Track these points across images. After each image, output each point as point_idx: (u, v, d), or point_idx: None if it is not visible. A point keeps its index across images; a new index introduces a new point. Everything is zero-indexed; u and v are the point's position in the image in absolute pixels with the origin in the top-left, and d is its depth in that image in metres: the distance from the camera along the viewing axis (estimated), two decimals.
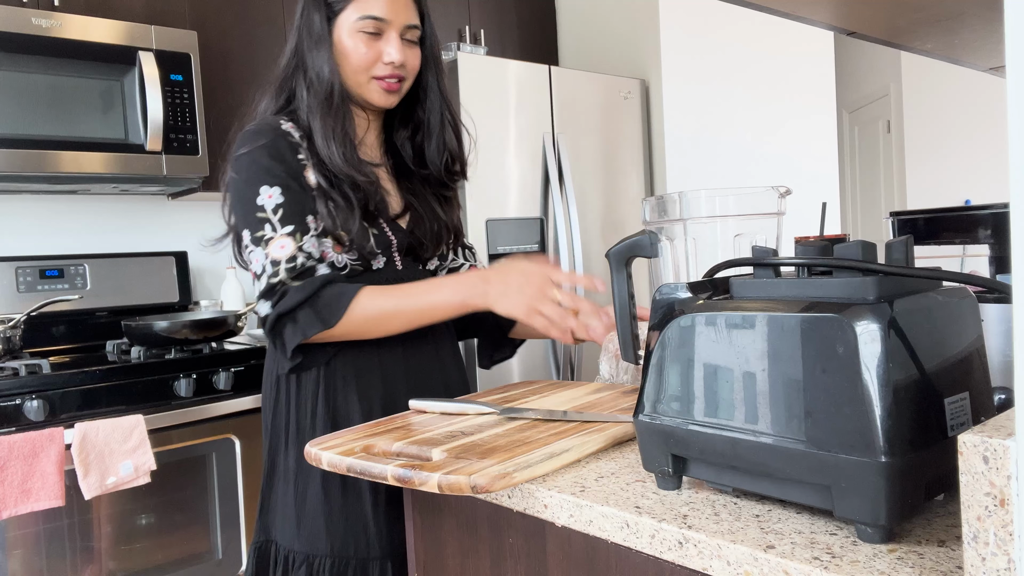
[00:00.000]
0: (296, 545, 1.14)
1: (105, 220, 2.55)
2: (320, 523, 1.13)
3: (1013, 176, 0.43)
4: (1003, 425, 0.48)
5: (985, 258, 1.05)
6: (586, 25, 3.29)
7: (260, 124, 1.18)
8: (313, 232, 1.13)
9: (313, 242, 1.13)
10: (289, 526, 1.15)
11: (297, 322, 1.09)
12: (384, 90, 1.21)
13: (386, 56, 1.19)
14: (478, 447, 0.88)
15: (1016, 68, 0.43)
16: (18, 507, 1.71)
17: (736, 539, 0.61)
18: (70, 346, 2.37)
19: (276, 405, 1.20)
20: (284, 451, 1.18)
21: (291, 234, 1.11)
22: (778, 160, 3.40)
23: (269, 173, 1.13)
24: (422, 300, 1.11)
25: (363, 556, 1.13)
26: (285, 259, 1.10)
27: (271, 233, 1.11)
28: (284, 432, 1.19)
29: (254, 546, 1.20)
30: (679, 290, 0.72)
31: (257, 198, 1.12)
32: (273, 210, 1.12)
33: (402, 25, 1.20)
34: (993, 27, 1.03)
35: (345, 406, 1.17)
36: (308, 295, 1.08)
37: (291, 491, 1.16)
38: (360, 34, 1.18)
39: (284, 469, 1.18)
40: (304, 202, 1.14)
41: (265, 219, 1.12)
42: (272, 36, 2.57)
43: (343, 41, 1.19)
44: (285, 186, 1.13)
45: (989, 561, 0.46)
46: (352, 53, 1.19)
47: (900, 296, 0.60)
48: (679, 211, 0.92)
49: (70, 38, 2.08)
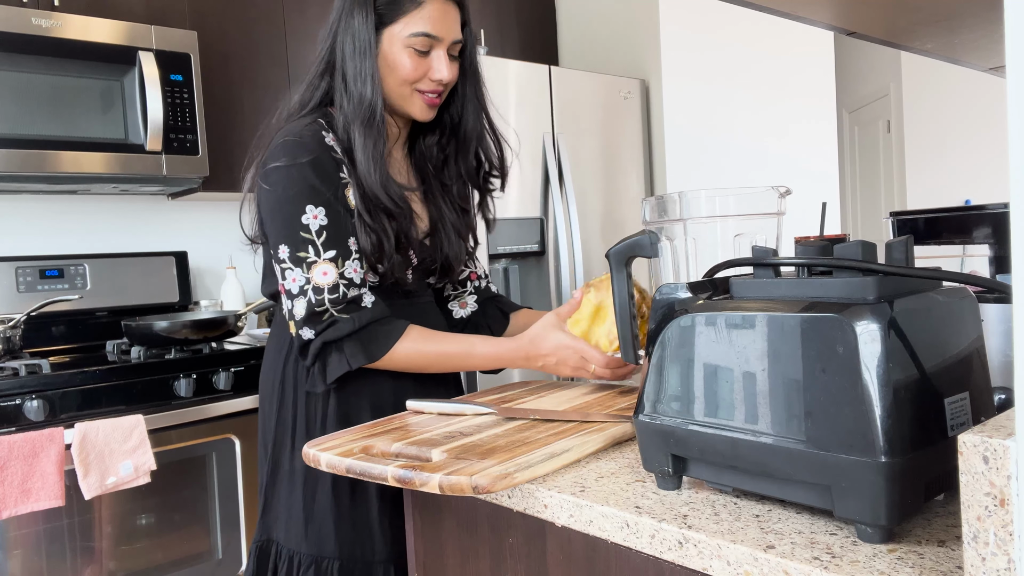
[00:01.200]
0: (304, 547, 1.14)
1: (105, 220, 2.55)
2: (330, 525, 1.13)
3: (1013, 176, 0.43)
4: (1003, 425, 0.48)
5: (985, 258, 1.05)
6: (586, 25, 3.29)
7: (302, 135, 1.13)
8: (355, 255, 1.13)
9: (354, 266, 1.12)
10: (295, 527, 1.15)
11: (343, 352, 1.10)
12: (427, 104, 1.20)
13: (435, 73, 1.18)
14: (478, 447, 0.88)
15: (1016, 68, 0.43)
16: (18, 507, 1.70)
17: (736, 539, 0.61)
18: (70, 346, 2.37)
19: (282, 406, 1.20)
20: (291, 451, 1.18)
21: (333, 259, 1.11)
22: (778, 160, 3.40)
23: (315, 192, 1.11)
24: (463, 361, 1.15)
25: (369, 559, 1.13)
26: (328, 287, 1.10)
27: (314, 256, 1.10)
28: (291, 432, 1.18)
29: (255, 545, 1.20)
30: (679, 290, 0.72)
31: (302, 216, 1.10)
32: (317, 232, 1.10)
33: (451, 42, 1.19)
34: (993, 27, 1.03)
35: (357, 406, 1.17)
36: (357, 328, 1.10)
37: (298, 492, 1.16)
38: (410, 49, 1.16)
39: (290, 470, 1.18)
40: (346, 224, 1.13)
41: (309, 240, 1.10)
42: (272, 36, 2.57)
43: (391, 54, 1.17)
44: (329, 207, 1.11)
45: (989, 561, 0.46)
46: (400, 68, 1.17)
47: (900, 296, 0.60)
48: (679, 211, 0.92)
49: (70, 38, 2.08)
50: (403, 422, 1.03)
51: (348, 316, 1.10)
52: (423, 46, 1.16)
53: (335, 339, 1.10)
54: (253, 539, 1.21)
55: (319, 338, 1.10)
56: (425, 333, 1.14)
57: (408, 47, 1.16)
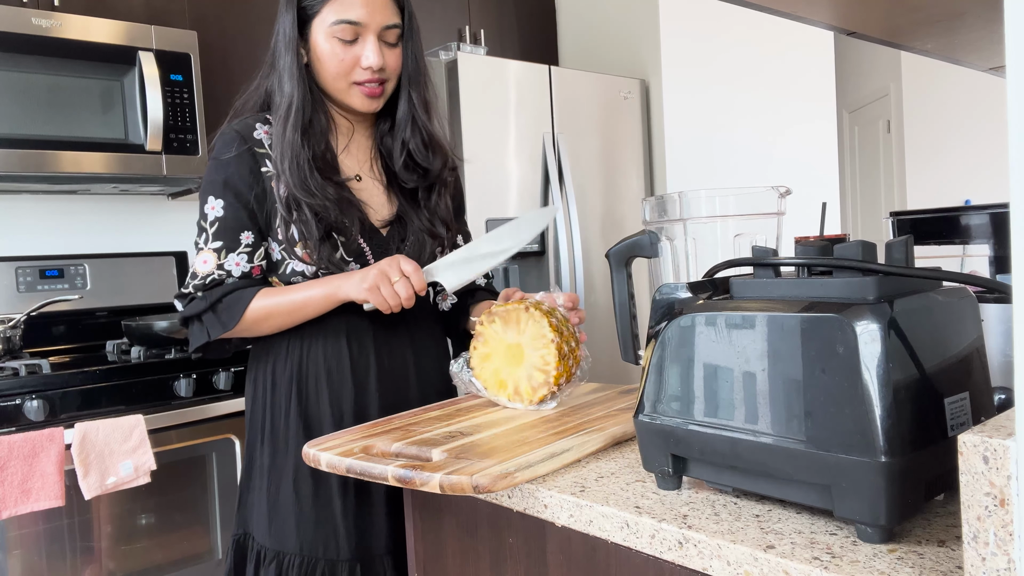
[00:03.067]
0: (268, 542, 1.16)
1: (105, 220, 2.55)
2: (291, 522, 1.15)
3: (1013, 176, 0.43)
4: (1003, 425, 0.48)
5: (985, 258, 1.05)
6: (586, 25, 3.29)
7: (235, 130, 1.20)
8: (243, 249, 1.18)
9: (237, 260, 1.18)
10: (262, 522, 1.17)
11: (203, 324, 1.18)
12: (366, 95, 1.19)
13: (364, 60, 1.16)
14: (478, 447, 0.88)
15: (1016, 68, 0.43)
16: (18, 507, 1.70)
17: (736, 539, 0.61)
18: (70, 346, 2.37)
19: (254, 403, 1.23)
20: (260, 447, 1.20)
21: (217, 250, 1.17)
22: (778, 160, 3.40)
23: (218, 186, 1.18)
24: (296, 296, 1.16)
25: (332, 557, 1.14)
26: (203, 274, 1.17)
27: (202, 244, 1.18)
28: (260, 429, 1.21)
29: (234, 539, 1.22)
30: (679, 290, 0.72)
31: (205, 206, 1.18)
32: (211, 223, 1.18)
33: (380, 26, 1.17)
34: (993, 27, 1.03)
35: (317, 408, 1.18)
36: (209, 304, 1.17)
37: (265, 487, 1.18)
38: (335, 40, 1.16)
39: (260, 465, 1.20)
40: (241, 219, 1.17)
41: (204, 228, 1.19)
42: (272, 36, 2.57)
43: (319, 46, 1.17)
44: (228, 202, 1.17)
45: (989, 561, 0.46)
46: (329, 59, 1.17)
47: (900, 296, 0.60)
48: (679, 211, 0.92)
49: (70, 38, 2.08)
50: (403, 422, 1.03)
51: (203, 294, 1.17)
52: (346, 34, 1.16)
53: (193, 315, 1.18)
54: (232, 531, 1.23)
55: (181, 313, 1.20)
56: (270, 290, 1.18)
57: (332, 36, 1.16)
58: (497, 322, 1.09)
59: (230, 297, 1.17)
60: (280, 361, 1.20)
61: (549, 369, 1.04)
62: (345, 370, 1.19)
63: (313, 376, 1.19)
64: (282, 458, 1.17)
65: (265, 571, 1.15)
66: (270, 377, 1.21)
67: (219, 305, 1.17)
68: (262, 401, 1.22)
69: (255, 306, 1.16)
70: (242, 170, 1.18)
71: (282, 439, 1.18)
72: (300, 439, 1.16)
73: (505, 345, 1.08)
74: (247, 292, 1.17)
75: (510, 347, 1.07)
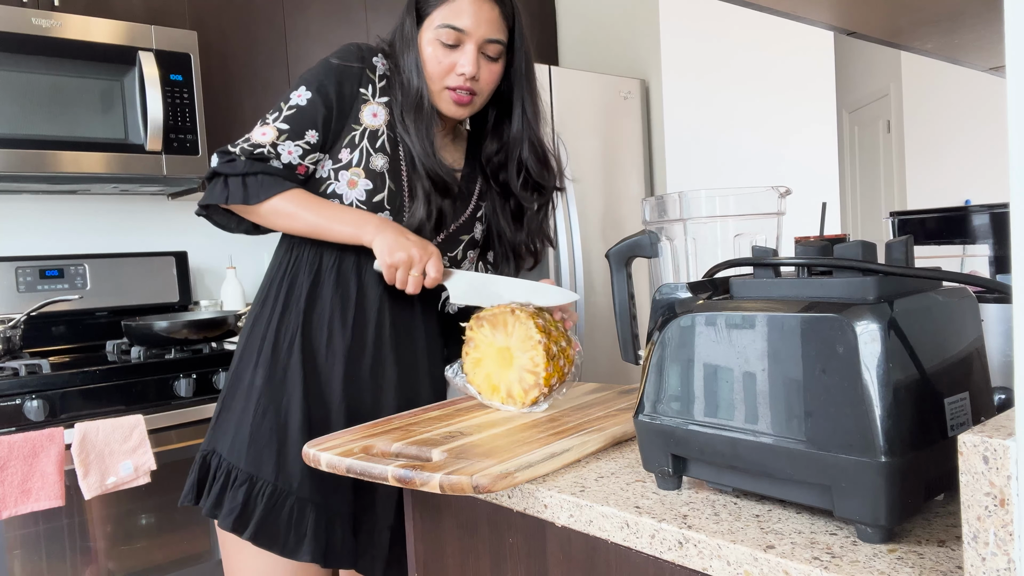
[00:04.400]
0: (242, 463, 1.14)
1: (105, 220, 2.55)
2: (272, 449, 1.14)
3: (1013, 176, 0.43)
4: (1003, 425, 0.48)
5: (985, 258, 1.05)
6: (586, 25, 3.29)
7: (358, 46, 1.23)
8: (303, 143, 1.18)
9: (290, 148, 1.17)
10: (239, 443, 1.15)
11: (227, 186, 1.17)
12: (454, 102, 1.21)
13: (459, 67, 1.19)
14: (478, 447, 0.88)
15: (1016, 68, 0.43)
16: (18, 507, 1.70)
17: (736, 539, 0.61)
18: (70, 346, 2.37)
19: (256, 322, 1.22)
20: (253, 367, 1.19)
21: (280, 131, 1.17)
22: (778, 160, 3.40)
23: (315, 81, 1.19)
24: (324, 216, 1.16)
25: (304, 496, 1.13)
26: (254, 142, 1.17)
27: (269, 120, 1.18)
28: (258, 349, 1.19)
29: (201, 455, 1.19)
30: (679, 290, 0.72)
31: (293, 92, 1.19)
32: (290, 107, 1.18)
33: (482, 38, 1.19)
34: (993, 27, 1.03)
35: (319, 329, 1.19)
36: (246, 171, 1.16)
37: (250, 409, 1.16)
38: (437, 42, 1.19)
39: (248, 385, 1.18)
40: (316, 120, 1.18)
41: (279, 108, 1.19)
42: (272, 36, 2.57)
43: (423, 46, 1.20)
44: (314, 99, 1.18)
45: (989, 561, 0.46)
46: (428, 61, 1.20)
47: (900, 296, 0.60)
48: (679, 211, 0.92)
49: (70, 38, 2.08)
50: (403, 422, 1.04)
51: (246, 160, 1.16)
52: (449, 39, 1.18)
53: (225, 173, 1.16)
54: (200, 449, 1.21)
55: (214, 167, 1.17)
56: (305, 195, 1.18)
57: (435, 39, 1.19)
58: (485, 326, 1.10)
59: (267, 178, 1.17)
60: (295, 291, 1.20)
61: (538, 371, 1.04)
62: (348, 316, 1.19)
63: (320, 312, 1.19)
64: (277, 385, 1.16)
65: (233, 492, 1.12)
66: (282, 301, 1.20)
67: (252, 178, 1.16)
68: (267, 319, 1.20)
69: (284, 199, 1.16)
70: (344, 81, 1.20)
71: (281, 367, 1.17)
72: (298, 374, 1.16)
73: (495, 349, 1.08)
74: (286, 183, 1.17)
75: (500, 350, 1.08)
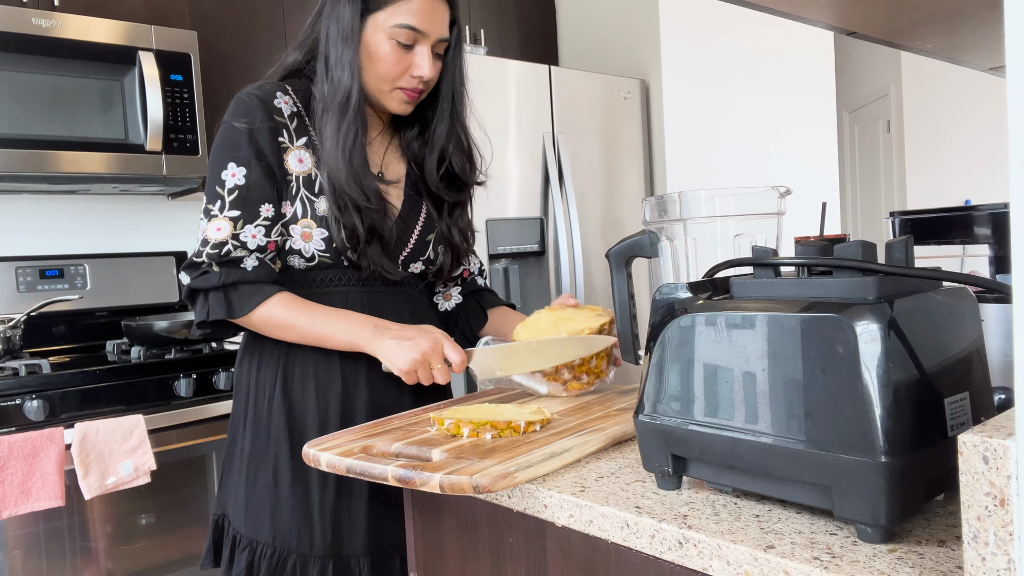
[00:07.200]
0: (243, 528, 1.14)
1: (105, 220, 2.55)
2: (266, 511, 1.13)
3: (1013, 176, 0.43)
4: (1003, 425, 0.48)
5: (985, 258, 1.05)
6: (586, 25, 3.29)
7: (256, 96, 1.15)
8: (261, 222, 1.13)
9: (254, 232, 1.12)
10: (239, 507, 1.15)
11: (208, 302, 1.12)
12: (406, 101, 1.18)
13: (416, 70, 1.15)
14: (478, 447, 0.88)
15: (1016, 68, 0.43)
16: (18, 507, 1.70)
17: (736, 539, 0.61)
18: (70, 346, 2.37)
19: (239, 384, 1.22)
20: (242, 431, 1.19)
21: (233, 219, 1.12)
22: (778, 160, 3.40)
23: (241, 153, 1.13)
24: (318, 327, 1.12)
25: (305, 551, 1.11)
26: (215, 241, 1.11)
27: (217, 211, 1.12)
28: (244, 414, 1.19)
29: (213, 519, 1.21)
30: (679, 290, 0.72)
31: (223, 172, 1.13)
32: (230, 190, 1.12)
33: (436, 39, 1.16)
34: (993, 27, 1.03)
35: (301, 400, 1.16)
36: (224, 283, 1.11)
37: (244, 472, 1.16)
38: (393, 41, 1.13)
39: (240, 448, 1.18)
40: (264, 190, 1.13)
41: (220, 195, 1.12)
42: (272, 36, 2.57)
43: (374, 44, 1.14)
44: (252, 171, 1.13)
45: (989, 561, 0.46)
46: (382, 60, 1.14)
47: (900, 296, 0.60)
48: (679, 211, 0.92)
49: (70, 38, 2.08)
50: (403, 422, 1.03)
51: (219, 270, 1.11)
52: (407, 39, 1.14)
53: (202, 288, 1.12)
54: (212, 512, 1.22)
55: (188, 285, 1.13)
56: (292, 299, 1.13)
57: (391, 38, 1.13)
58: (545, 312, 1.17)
59: (246, 287, 1.12)
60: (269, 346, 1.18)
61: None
62: (335, 364, 1.16)
63: (300, 367, 1.16)
64: (262, 445, 1.15)
65: (239, 557, 1.13)
66: (256, 360, 1.18)
67: (232, 290, 1.12)
68: (247, 383, 1.19)
69: (273, 312, 1.12)
70: (261, 141, 1.13)
71: (264, 426, 1.15)
72: (282, 428, 1.14)
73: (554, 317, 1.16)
74: (268, 289, 1.12)
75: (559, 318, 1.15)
